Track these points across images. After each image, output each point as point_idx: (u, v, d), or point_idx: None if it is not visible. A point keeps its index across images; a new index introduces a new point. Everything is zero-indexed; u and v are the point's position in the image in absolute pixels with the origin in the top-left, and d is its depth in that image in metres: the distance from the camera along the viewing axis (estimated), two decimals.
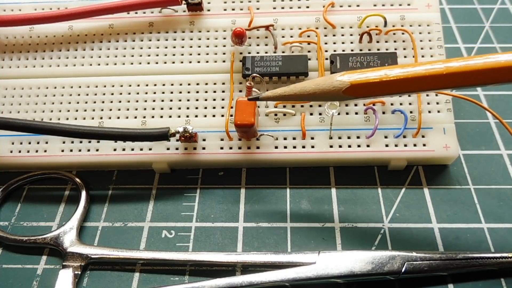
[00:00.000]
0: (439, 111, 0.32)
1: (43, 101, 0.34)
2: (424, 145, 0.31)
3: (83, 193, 0.32)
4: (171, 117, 0.33)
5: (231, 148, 0.32)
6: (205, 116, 0.33)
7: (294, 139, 0.32)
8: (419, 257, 0.27)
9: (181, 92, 0.34)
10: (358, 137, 0.32)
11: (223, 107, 0.33)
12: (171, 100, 0.33)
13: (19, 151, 0.33)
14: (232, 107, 0.32)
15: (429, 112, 0.32)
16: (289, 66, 0.33)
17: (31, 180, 0.33)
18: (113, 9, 0.34)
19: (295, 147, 0.32)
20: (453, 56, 0.39)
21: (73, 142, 0.33)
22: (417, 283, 0.27)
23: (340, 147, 0.32)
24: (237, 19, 0.35)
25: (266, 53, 0.34)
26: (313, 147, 0.32)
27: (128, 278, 0.28)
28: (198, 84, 0.34)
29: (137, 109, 0.33)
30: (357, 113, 0.32)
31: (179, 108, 0.33)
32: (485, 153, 0.33)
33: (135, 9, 0.35)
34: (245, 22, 0.34)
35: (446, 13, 0.42)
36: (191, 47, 0.35)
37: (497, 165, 0.33)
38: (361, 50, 0.34)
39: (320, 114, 0.32)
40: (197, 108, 0.33)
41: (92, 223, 0.31)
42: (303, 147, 0.32)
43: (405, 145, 0.31)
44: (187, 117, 0.33)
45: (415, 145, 0.31)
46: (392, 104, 0.32)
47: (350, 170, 0.33)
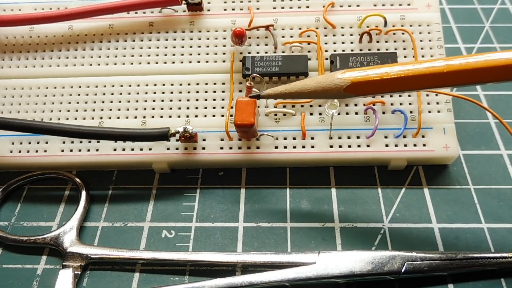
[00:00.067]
0: (439, 111, 0.32)
1: (43, 101, 0.34)
2: (424, 145, 0.31)
3: (83, 193, 0.32)
4: (171, 117, 0.33)
5: (231, 148, 0.32)
6: (205, 116, 0.33)
7: (294, 139, 0.32)
8: (419, 257, 0.27)
9: (181, 92, 0.34)
10: (358, 137, 0.32)
11: (223, 107, 0.33)
12: (171, 100, 0.33)
13: (19, 151, 0.33)
14: (232, 107, 0.32)
15: (429, 112, 0.32)
16: (289, 66, 0.33)
17: (31, 180, 0.33)
18: (113, 9, 0.34)
19: (295, 147, 0.32)
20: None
21: (73, 142, 0.33)
22: (417, 283, 0.27)
23: (340, 147, 0.32)
24: (237, 19, 0.35)
25: (266, 53, 0.34)
26: (313, 147, 0.32)
27: (128, 278, 0.28)
28: (198, 84, 0.34)
29: (137, 109, 0.33)
30: (357, 113, 0.32)
31: (179, 108, 0.33)
32: (485, 153, 0.33)
33: (135, 9, 0.35)
34: (245, 22, 0.34)
35: (446, 13, 0.42)
36: (191, 47, 0.35)
37: (497, 165, 0.33)
38: (361, 50, 0.34)
39: (320, 114, 0.32)
40: (197, 108, 0.33)
41: (92, 223, 0.31)
42: (303, 147, 0.32)
43: (405, 145, 0.31)
44: (187, 117, 0.33)
45: (415, 145, 0.31)
46: (392, 104, 0.32)
47: (350, 170, 0.33)
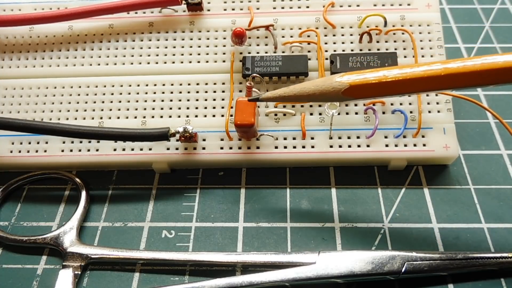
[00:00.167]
0: (439, 111, 0.32)
1: (43, 101, 0.34)
2: (424, 145, 0.31)
3: (83, 193, 0.32)
4: (171, 117, 0.33)
5: (231, 148, 0.32)
6: (205, 116, 0.33)
7: (294, 139, 0.32)
8: (419, 257, 0.27)
9: (181, 92, 0.34)
10: (358, 137, 0.32)
11: (223, 107, 0.33)
12: (171, 100, 0.33)
13: (19, 151, 0.33)
14: (232, 107, 0.32)
15: (429, 112, 0.32)
16: (289, 66, 0.33)
17: (31, 180, 0.33)
18: (113, 9, 0.34)
19: (295, 147, 0.32)
20: (453, 56, 0.39)
21: (73, 142, 0.33)
22: (417, 283, 0.27)
23: (340, 147, 0.32)
24: (237, 19, 0.35)
25: (266, 53, 0.34)
26: (313, 147, 0.32)
27: (128, 278, 0.28)
28: (198, 84, 0.34)
29: (137, 109, 0.33)
30: (357, 113, 0.32)
31: (179, 108, 0.33)
32: (485, 153, 0.33)
33: (135, 9, 0.35)
34: (245, 22, 0.34)
35: (446, 13, 0.42)
36: (191, 47, 0.35)
37: (497, 165, 0.33)
38: (361, 50, 0.34)
39: (320, 114, 0.32)
40: (197, 108, 0.33)
41: (92, 223, 0.31)
42: (303, 147, 0.32)
43: (405, 145, 0.31)
44: (187, 117, 0.33)
45: (415, 145, 0.31)
46: (392, 104, 0.32)
47: (350, 170, 0.33)
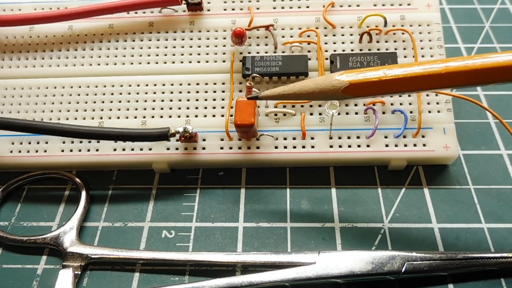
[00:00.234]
0: (439, 111, 0.32)
1: (43, 101, 0.34)
2: (424, 145, 0.31)
3: (83, 193, 0.32)
4: (171, 117, 0.33)
5: (231, 148, 0.32)
6: (205, 116, 0.33)
7: (294, 139, 0.32)
8: (419, 257, 0.27)
9: (181, 92, 0.34)
10: (358, 137, 0.32)
11: (223, 107, 0.33)
12: (171, 100, 0.33)
13: (19, 151, 0.33)
14: (232, 107, 0.32)
15: (429, 112, 0.32)
16: (289, 66, 0.33)
17: (31, 180, 0.33)
18: (113, 9, 0.34)
19: (295, 147, 0.32)
20: (453, 56, 0.39)
21: (73, 142, 0.33)
22: (417, 283, 0.27)
23: (340, 147, 0.32)
24: (237, 19, 0.35)
25: (266, 53, 0.34)
26: (313, 147, 0.32)
27: (128, 278, 0.28)
28: (198, 84, 0.34)
29: (137, 109, 0.33)
30: (357, 113, 0.32)
31: (179, 108, 0.33)
32: (485, 153, 0.33)
33: (135, 9, 0.35)
34: (245, 22, 0.34)
35: (446, 13, 0.42)
36: (191, 47, 0.35)
37: (497, 165, 0.33)
38: (361, 50, 0.34)
39: (320, 114, 0.32)
40: (197, 108, 0.33)
41: (92, 223, 0.31)
42: (303, 147, 0.32)
43: (405, 145, 0.31)
44: (187, 117, 0.33)
45: (415, 145, 0.31)
46: (392, 104, 0.32)
47: (350, 170, 0.33)
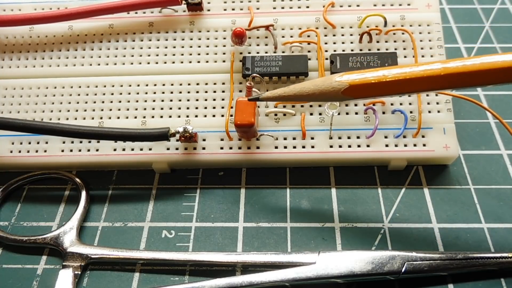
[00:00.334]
0: (439, 111, 0.32)
1: (43, 101, 0.34)
2: (424, 145, 0.31)
3: (83, 193, 0.32)
4: (171, 117, 0.33)
5: (231, 148, 0.32)
6: (205, 116, 0.33)
7: (294, 139, 0.32)
8: (419, 257, 0.27)
9: (181, 92, 0.34)
10: (358, 137, 0.32)
11: (223, 107, 0.33)
12: (171, 100, 0.33)
13: (19, 151, 0.33)
14: (232, 107, 0.32)
15: (429, 112, 0.32)
16: (289, 66, 0.33)
17: (31, 180, 0.33)
18: (113, 9, 0.34)
19: (295, 147, 0.32)
20: (453, 56, 0.39)
21: (73, 142, 0.33)
22: (417, 283, 0.27)
23: (340, 147, 0.32)
24: (237, 19, 0.35)
25: (266, 53, 0.34)
26: (313, 147, 0.32)
27: (128, 278, 0.28)
28: (198, 84, 0.34)
29: (137, 109, 0.33)
30: (357, 113, 0.32)
31: (179, 108, 0.33)
32: (485, 153, 0.33)
33: (135, 9, 0.35)
34: (245, 22, 0.34)
35: (446, 13, 0.42)
36: (191, 47, 0.35)
37: (497, 165, 0.33)
38: (361, 50, 0.34)
39: (320, 114, 0.32)
40: (197, 108, 0.33)
41: (92, 223, 0.31)
42: (303, 147, 0.32)
43: (405, 145, 0.31)
44: (187, 117, 0.33)
45: (415, 145, 0.31)
46: (392, 104, 0.32)
47: (350, 170, 0.33)
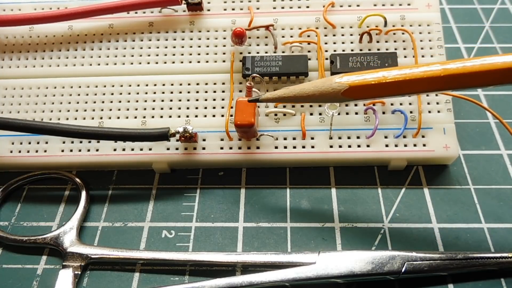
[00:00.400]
0: (439, 111, 0.32)
1: (43, 101, 0.34)
2: (424, 145, 0.31)
3: (83, 193, 0.32)
4: (171, 117, 0.33)
5: (231, 148, 0.32)
6: (205, 116, 0.33)
7: (294, 139, 0.32)
8: (419, 257, 0.27)
9: (181, 92, 0.34)
10: (358, 137, 0.32)
11: (223, 107, 0.33)
12: (171, 100, 0.33)
13: (19, 151, 0.33)
14: (232, 107, 0.32)
15: (429, 112, 0.32)
16: (289, 66, 0.33)
17: (31, 180, 0.33)
18: (113, 9, 0.34)
19: (295, 147, 0.32)
20: (453, 56, 0.39)
21: (73, 142, 0.33)
22: (417, 283, 0.27)
23: (340, 147, 0.32)
24: (237, 19, 0.35)
25: (266, 53, 0.34)
26: (313, 147, 0.32)
27: (128, 278, 0.28)
28: (198, 84, 0.34)
29: (137, 109, 0.33)
30: (357, 113, 0.32)
31: (179, 108, 0.33)
32: (485, 153, 0.33)
33: (135, 9, 0.35)
34: (245, 22, 0.34)
35: (446, 13, 0.42)
36: (191, 47, 0.35)
37: (497, 165, 0.33)
38: (361, 50, 0.34)
39: (320, 114, 0.32)
40: (197, 108, 0.33)
41: (92, 223, 0.31)
42: (303, 147, 0.32)
43: (405, 145, 0.31)
44: (187, 117, 0.33)
45: (415, 145, 0.31)
46: (392, 104, 0.32)
47: (350, 170, 0.33)
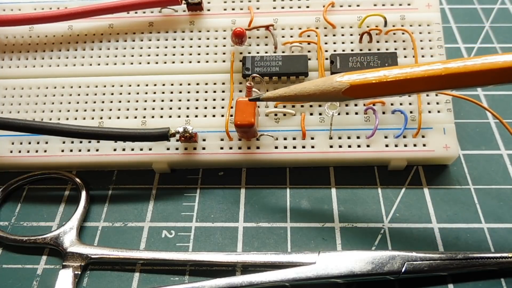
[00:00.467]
0: (439, 111, 0.32)
1: (43, 101, 0.34)
2: (424, 145, 0.31)
3: (83, 193, 0.32)
4: (171, 117, 0.33)
5: (231, 148, 0.32)
6: (205, 116, 0.33)
7: (294, 139, 0.32)
8: (419, 257, 0.27)
9: (181, 92, 0.34)
10: (358, 137, 0.32)
11: (223, 107, 0.33)
12: (171, 100, 0.33)
13: (19, 151, 0.33)
14: (232, 107, 0.32)
15: (429, 112, 0.32)
16: (289, 66, 0.33)
17: (31, 180, 0.33)
18: (113, 9, 0.34)
19: (295, 147, 0.32)
20: (453, 56, 0.39)
21: (73, 142, 0.33)
22: (417, 283, 0.27)
23: (340, 147, 0.32)
24: (237, 19, 0.35)
25: (266, 53, 0.34)
26: (313, 147, 0.32)
27: (128, 278, 0.28)
28: (198, 84, 0.34)
29: (137, 109, 0.33)
30: (357, 113, 0.32)
31: (179, 108, 0.33)
32: (485, 153, 0.33)
33: (135, 9, 0.35)
34: (245, 22, 0.34)
35: (446, 13, 0.42)
36: (191, 47, 0.35)
37: (497, 165, 0.33)
38: (361, 50, 0.34)
39: (320, 114, 0.32)
40: (197, 108, 0.33)
41: (92, 223, 0.31)
42: (303, 147, 0.32)
43: (405, 145, 0.31)
44: (187, 117, 0.33)
45: (415, 145, 0.31)
46: (392, 104, 0.32)
47: (350, 170, 0.33)
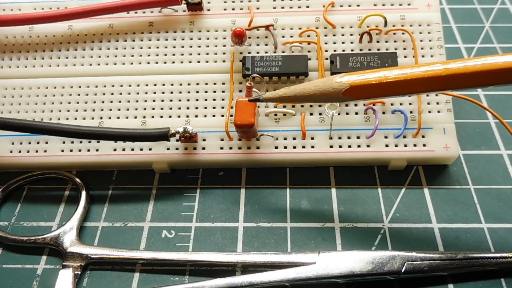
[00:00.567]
0: (439, 111, 0.32)
1: (43, 101, 0.34)
2: (424, 145, 0.31)
3: (83, 193, 0.32)
4: (171, 117, 0.33)
5: (231, 148, 0.32)
6: (205, 116, 0.33)
7: (294, 139, 0.32)
8: (419, 257, 0.27)
9: (181, 92, 0.34)
10: (358, 137, 0.32)
11: (223, 107, 0.33)
12: (171, 100, 0.33)
13: (19, 151, 0.33)
14: (232, 107, 0.32)
15: (429, 112, 0.32)
16: (289, 66, 0.33)
17: (31, 180, 0.33)
18: (113, 9, 0.34)
19: (295, 147, 0.32)
20: (453, 56, 0.39)
21: (73, 142, 0.33)
22: (417, 283, 0.27)
23: (340, 147, 0.32)
24: (237, 19, 0.35)
25: (266, 53, 0.34)
26: (313, 147, 0.32)
27: (128, 278, 0.28)
28: (198, 84, 0.34)
29: (137, 109, 0.33)
30: (357, 113, 0.32)
31: (179, 108, 0.33)
32: (485, 153, 0.33)
33: (135, 9, 0.35)
34: (245, 22, 0.34)
35: (446, 13, 0.42)
36: (191, 47, 0.35)
37: (497, 165, 0.33)
38: (361, 50, 0.34)
39: (320, 114, 0.32)
40: (197, 108, 0.33)
41: (92, 223, 0.31)
42: (303, 147, 0.32)
43: (405, 145, 0.31)
44: (187, 117, 0.33)
45: (415, 145, 0.31)
46: (392, 104, 0.32)
47: (350, 170, 0.33)
